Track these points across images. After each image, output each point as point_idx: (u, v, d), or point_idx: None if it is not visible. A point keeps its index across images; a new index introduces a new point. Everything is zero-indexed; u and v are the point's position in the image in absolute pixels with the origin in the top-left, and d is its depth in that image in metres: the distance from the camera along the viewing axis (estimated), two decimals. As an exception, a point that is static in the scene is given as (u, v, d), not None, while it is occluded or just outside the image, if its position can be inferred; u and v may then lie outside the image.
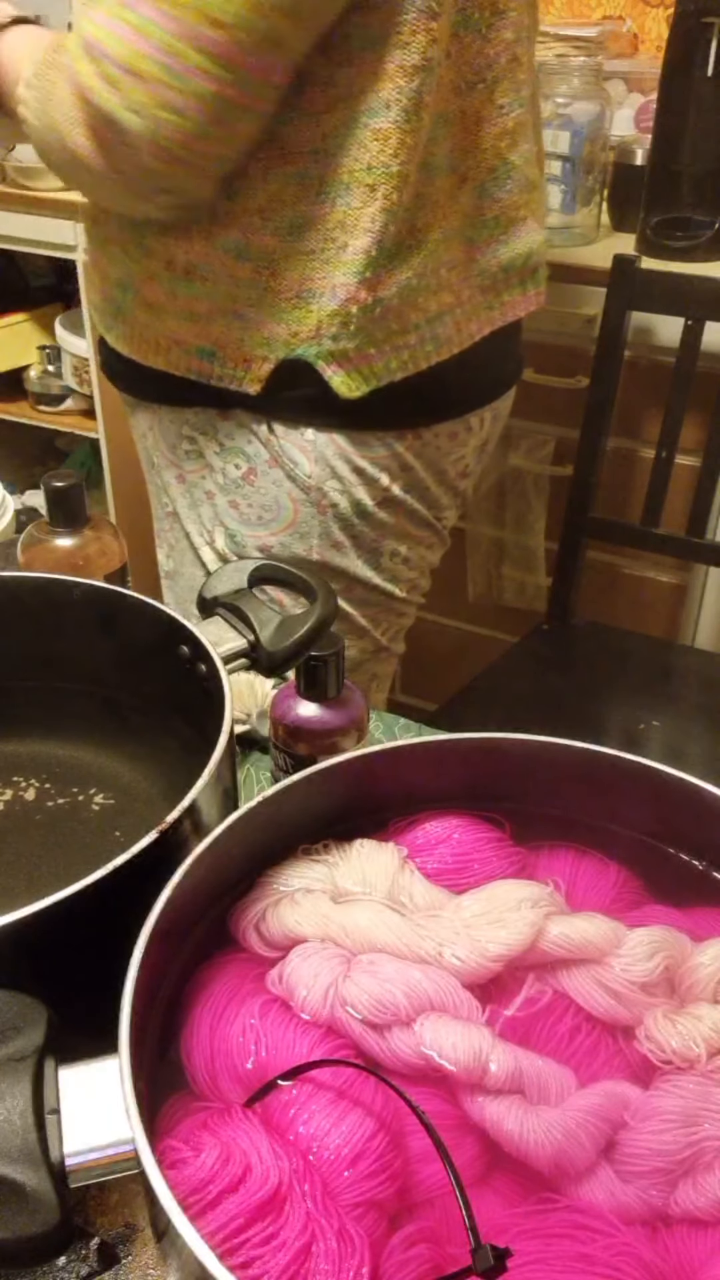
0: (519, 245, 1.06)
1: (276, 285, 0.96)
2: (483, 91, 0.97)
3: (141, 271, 1.01)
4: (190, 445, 1.09)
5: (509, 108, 0.99)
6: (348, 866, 0.54)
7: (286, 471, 1.06)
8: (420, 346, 1.01)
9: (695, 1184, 0.42)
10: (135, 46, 0.80)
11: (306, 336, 0.98)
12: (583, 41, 1.84)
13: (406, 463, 1.08)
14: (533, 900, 0.51)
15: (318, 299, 0.96)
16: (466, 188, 0.99)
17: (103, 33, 0.81)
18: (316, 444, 1.04)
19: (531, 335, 1.59)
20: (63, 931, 0.48)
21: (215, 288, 0.98)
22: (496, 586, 1.86)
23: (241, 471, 1.07)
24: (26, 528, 0.90)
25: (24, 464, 2.54)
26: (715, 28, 1.45)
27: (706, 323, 1.42)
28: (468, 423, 1.11)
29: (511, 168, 1.02)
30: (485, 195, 1.01)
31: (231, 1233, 0.38)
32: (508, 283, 1.07)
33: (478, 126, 0.98)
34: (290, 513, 1.08)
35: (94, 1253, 0.52)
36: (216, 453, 1.08)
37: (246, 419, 1.05)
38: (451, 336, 1.03)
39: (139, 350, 1.06)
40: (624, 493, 1.66)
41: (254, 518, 1.09)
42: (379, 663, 1.23)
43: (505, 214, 1.03)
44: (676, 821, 0.55)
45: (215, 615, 0.68)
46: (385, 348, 0.99)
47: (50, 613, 0.73)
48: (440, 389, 1.05)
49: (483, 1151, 0.44)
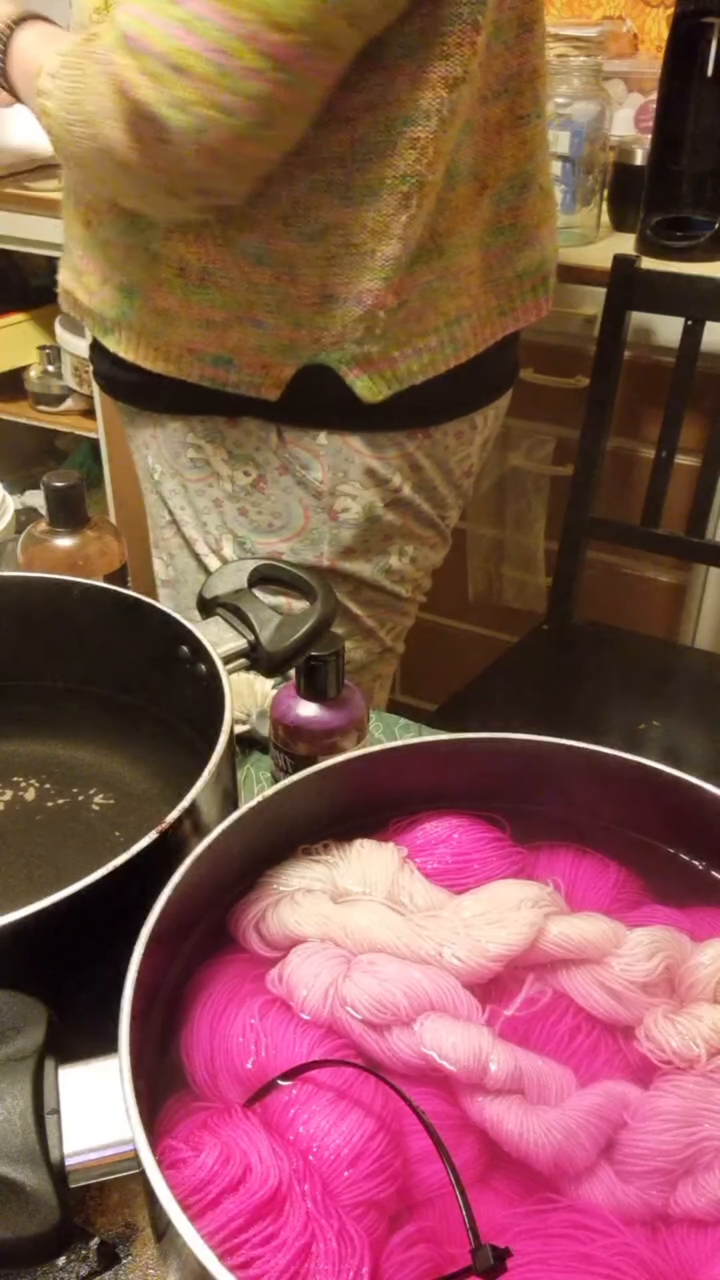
0: (533, 254, 1.06)
1: (296, 291, 0.95)
2: (505, 101, 0.97)
3: (150, 278, 0.99)
4: (196, 454, 1.08)
5: (529, 118, 1.00)
6: (348, 866, 0.54)
7: (297, 478, 1.05)
8: (440, 350, 1.01)
9: (695, 1184, 0.42)
10: (182, 43, 0.78)
11: (330, 342, 0.97)
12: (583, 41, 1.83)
13: (417, 462, 1.08)
14: (533, 900, 0.51)
15: (342, 304, 0.95)
16: (486, 195, 1.00)
17: (144, 26, 0.79)
18: (330, 447, 1.04)
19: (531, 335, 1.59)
20: (63, 931, 0.48)
21: (232, 294, 0.97)
22: (496, 586, 1.86)
23: (251, 479, 1.07)
24: (26, 528, 0.90)
25: (24, 464, 2.54)
26: (715, 28, 1.45)
27: (706, 323, 1.42)
28: (473, 420, 1.11)
29: (529, 177, 1.02)
30: (503, 203, 1.02)
31: (231, 1233, 0.38)
32: (521, 289, 1.07)
33: (499, 136, 0.98)
34: (301, 519, 1.08)
35: (94, 1253, 0.52)
36: (225, 460, 1.07)
37: (255, 426, 1.04)
38: (469, 340, 1.03)
39: (146, 357, 1.04)
40: (624, 493, 1.66)
41: (264, 525, 1.09)
42: (382, 664, 1.23)
43: (521, 222, 1.04)
44: (676, 821, 0.55)
45: (215, 615, 0.68)
46: (407, 350, 0.99)
47: (50, 613, 0.73)
48: (448, 388, 1.05)
49: (483, 1151, 0.44)
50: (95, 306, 1.07)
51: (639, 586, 1.75)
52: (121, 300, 1.04)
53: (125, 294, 1.03)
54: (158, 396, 1.07)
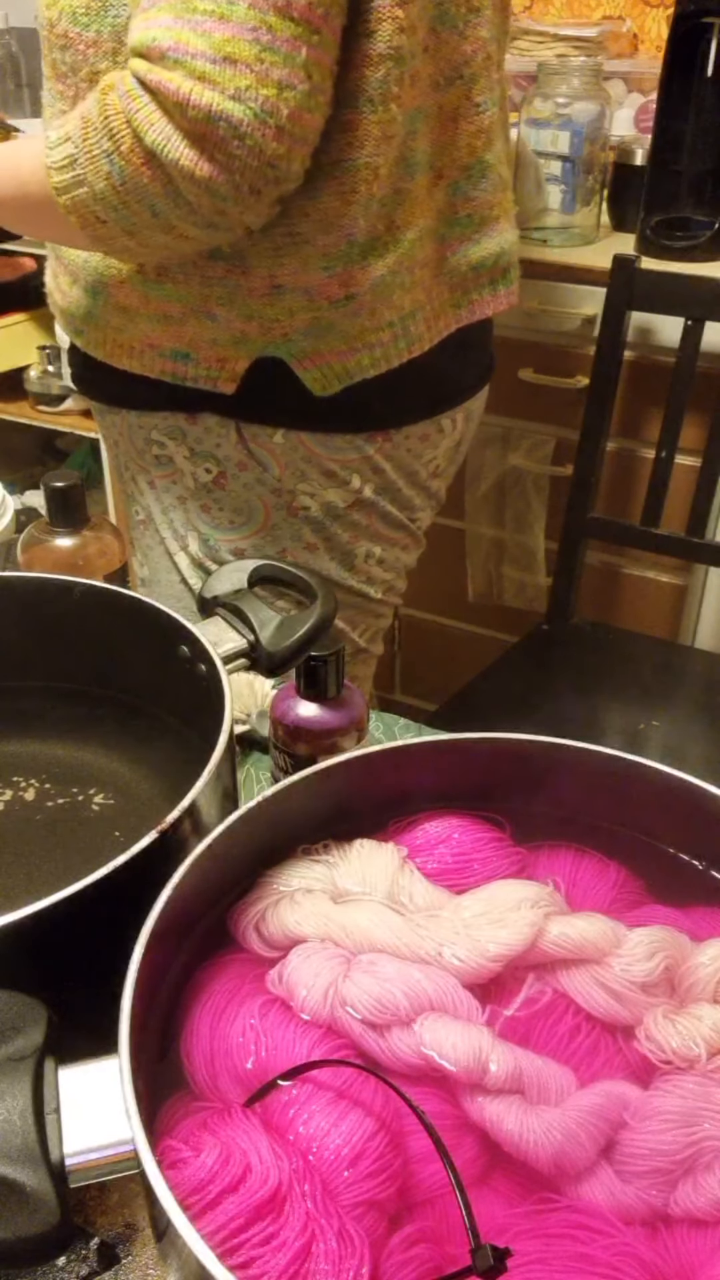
0: (490, 245, 1.05)
1: (247, 283, 0.95)
2: (460, 88, 0.96)
3: (113, 276, 1.00)
4: (160, 450, 1.09)
5: (485, 106, 0.99)
6: (348, 866, 0.54)
7: (256, 475, 1.05)
8: (393, 344, 1.01)
9: (695, 1184, 0.42)
10: (222, 33, 0.76)
11: (280, 333, 0.97)
12: (583, 41, 1.84)
13: (377, 465, 1.07)
14: (533, 900, 0.51)
15: (287, 295, 0.95)
16: (441, 185, 0.99)
17: (177, 34, 0.77)
18: (285, 447, 1.04)
19: (531, 335, 1.60)
20: (63, 931, 0.48)
21: (187, 289, 0.97)
22: (496, 586, 1.86)
23: (212, 475, 1.07)
24: (26, 528, 0.90)
25: (24, 464, 2.54)
26: (715, 28, 1.45)
27: (706, 323, 1.42)
28: (439, 424, 1.10)
29: (486, 166, 1.02)
30: (459, 193, 1.01)
31: (231, 1233, 0.38)
32: (477, 282, 1.06)
33: (454, 124, 0.97)
34: (262, 515, 1.08)
35: (94, 1253, 0.52)
36: (187, 457, 1.07)
37: (214, 423, 1.04)
38: (422, 334, 1.03)
39: (111, 354, 1.05)
40: (624, 493, 1.66)
41: (226, 521, 1.09)
42: (357, 665, 1.22)
43: (478, 213, 1.03)
44: (676, 821, 0.55)
45: (215, 615, 0.68)
46: (357, 344, 0.99)
47: (50, 613, 0.73)
48: (410, 390, 1.05)
49: (483, 1151, 0.44)
50: (67, 306, 1.08)
51: (639, 586, 1.75)
52: (88, 299, 1.04)
53: (91, 293, 1.03)
54: (124, 394, 1.08)
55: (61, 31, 0.93)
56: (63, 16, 0.92)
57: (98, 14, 0.89)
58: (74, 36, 0.92)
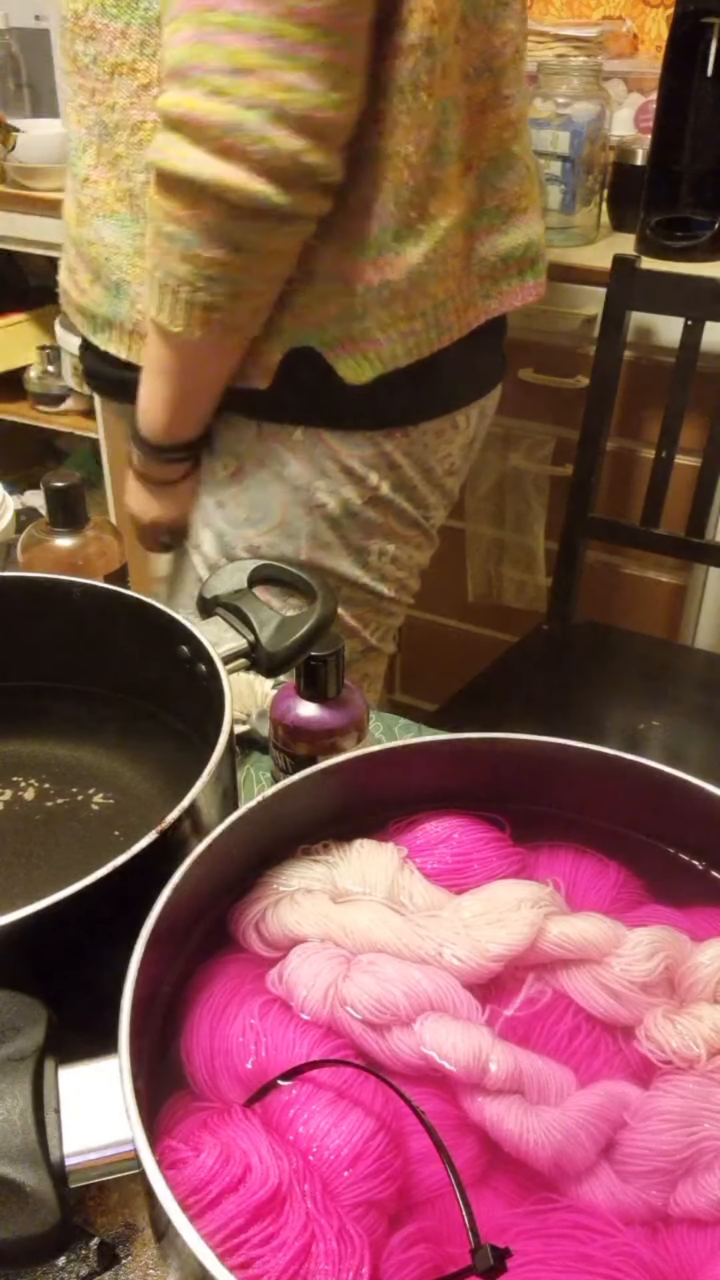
0: (519, 236, 1.06)
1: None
2: (489, 80, 0.97)
3: (137, 275, 1.00)
4: None
5: (513, 99, 1.00)
6: (348, 866, 0.54)
7: (274, 472, 1.05)
8: (425, 333, 1.01)
9: (695, 1184, 0.42)
10: (233, 44, 0.79)
11: (313, 322, 0.97)
12: (583, 41, 1.84)
13: (394, 461, 1.07)
14: (533, 900, 0.51)
15: (323, 282, 0.95)
16: (470, 176, 1.00)
17: (193, 49, 0.80)
18: (305, 443, 1.04)
19: (532, 335, 1.60)
20: (63, 931, 0.48)
21: None
22: (496, 586, 1.86)
23: (230, 471, 1.07)
24: (26, 528, 0.90)
25: (24, 464, 2.54)
26: (715, 28, 1.45)
27: (706, 323, 1.42)
28: (454, 420, 1.10)
29: (514, 158, 1.02)
30: (487, 184, 1.01)
31: (231, 1233, 0.38)
32: (506, 273, 1.07)
33: (483, 115, 0.98)
34: (278, 513, 1.08)
35: (94, 1253, 0.52)
36: (206, 454, 1.07)
37: (236, 420, 1.04)
38: (453, 324, 1.03)
39: (136, 354, 1.04)
40: (624, 493, 1.66)
41: (241, 518, 1.09)
42: (368, 662, 1.23)
43: (506, 204, 1.04)
44: (677, 821, 0.55)
45: (215, 615, 0.68)
46: (391, 333, 0.99)
47: (50, 613, 0.73)
48: (427, 386, 1.05)
49: (483, 1151, 0.44)
50: (86, 304, 1.08)
51: (639, 586, 1.75)
52: (110, 297, 1.04)
53: (114, 291, 1.03)
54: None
55: (88, 23, 0.94)
56: (90, 8, 0.93)
57: (129, 6, 0.91)
58: (101, 28, 0.93)
